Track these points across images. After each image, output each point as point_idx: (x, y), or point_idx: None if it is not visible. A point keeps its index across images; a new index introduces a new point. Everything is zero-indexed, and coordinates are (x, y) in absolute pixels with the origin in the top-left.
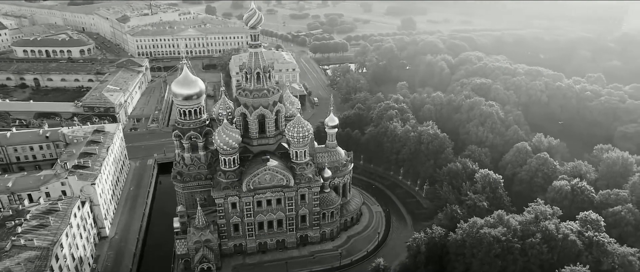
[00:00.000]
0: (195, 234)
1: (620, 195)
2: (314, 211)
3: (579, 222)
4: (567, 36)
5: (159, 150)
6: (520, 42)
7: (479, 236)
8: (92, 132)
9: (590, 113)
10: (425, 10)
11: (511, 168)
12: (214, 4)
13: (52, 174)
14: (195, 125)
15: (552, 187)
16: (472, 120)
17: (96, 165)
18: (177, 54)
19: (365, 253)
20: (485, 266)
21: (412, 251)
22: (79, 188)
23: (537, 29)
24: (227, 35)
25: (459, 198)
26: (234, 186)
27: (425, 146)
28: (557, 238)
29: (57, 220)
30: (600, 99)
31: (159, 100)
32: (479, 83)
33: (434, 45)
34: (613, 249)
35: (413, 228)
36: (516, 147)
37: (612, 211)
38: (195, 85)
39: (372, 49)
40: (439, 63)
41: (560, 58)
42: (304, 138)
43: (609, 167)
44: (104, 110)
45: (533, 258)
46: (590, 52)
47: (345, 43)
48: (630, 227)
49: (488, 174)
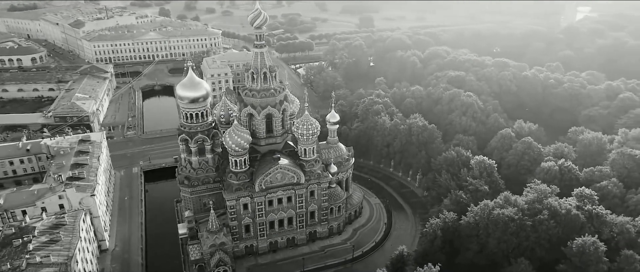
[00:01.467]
0: (209, 238)
1: (603, 171)
2: (323, 207)
3: (575, 197)
4: (520, 29)
5: (141, 158)
6: (478, 36)
7: (493, 217)
8: (78, 142)
9: (555, 99)
10: (378, 8)
11: (498, 153)
12: (167, 6)
13: (47, 188)
14: (202, 128)
15: (540, 168)
16: (454, 111)
17: (91, 175)
18: (139, 58)
19: (374, 244)
20: (503, 244)
21: (429, 237)
22: (78, 200)
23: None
24: (190, 37)
25: (459, 184)
26: (246, 187)
27: (416, 138)
28: (561, 213)
29: (67, 234)
30: (564, 86)
31: (130, 107)
32: (453, 76)
33: (401, 41)
34: (611, 219)
35: (414, 216)
36: (501, 134)
37: (599, 185)
38: (201, 88)
39: (341, 47)
40: (410, 58)
41: (517, 49)
42: (313, 135)
43: (586, 147)
44: (77, 119)
45: (542, 233)
46: (544, 44)
47: (311, 42)
48: (617, 200)
49: (483, 159)
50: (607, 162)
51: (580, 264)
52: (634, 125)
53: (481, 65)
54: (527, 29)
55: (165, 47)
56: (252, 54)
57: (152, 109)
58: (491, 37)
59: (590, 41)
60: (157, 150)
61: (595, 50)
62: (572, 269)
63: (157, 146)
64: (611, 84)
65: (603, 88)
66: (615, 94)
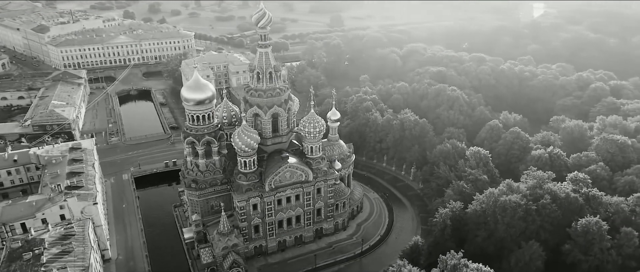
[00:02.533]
0: (221, 240)
1: (590, 156)
2: (329, 203)
3: (570, 182)
4: (487, 25)
5: (128, 165)
6: (449, 33)
7: (500, 204)
8: (69, 150)
9: (531, 91)
10: (345, 7)
11: (488, 144)
12: (130, 9)
13: (46, 198)
14: (209, 131)
15: (531, 156)
16: (440, 105)
17: (89, 183)
18: (110, 63)
19: (379, 237)
20: (512, 229)
21: (439, 226)
22: (80, 210)
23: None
24: (163, 40)
25: (458, 175)
26: (256, 187)
27: (409, 132)
28: (561, 197)
29: (79, 244)
30: (538, 78)
31: (108, 113)
32: (435, 71)
33: (377, 39)
34: (607, 200)
35: (412, 209)
36: (489, 125)
37: (588, 169)
38: (207, 90)
39: (319, 46)
40: (390, 56)
41: (486, 45)
42: (319, 133)
43: (569, 135)
44: (58, 127)
45: (546, 217)
46: (512, 39)
47: (286, 42)
48: (605, 182)
49: (479, 150)
50: (591, 148)
51: (585, 243)
52: (606, 112)
53: (459, 60)
54: (494, 25)
55: (136, 50)
56: (257, 53)
57: (131, 114)
58: (461, 34)
59: (554, 35)
60: (144, 156)
61: (559, 44)
62: (577, 249)
63: (144, 152)
64: (581, 75)
65: (574, 79)
66: (586, 84)
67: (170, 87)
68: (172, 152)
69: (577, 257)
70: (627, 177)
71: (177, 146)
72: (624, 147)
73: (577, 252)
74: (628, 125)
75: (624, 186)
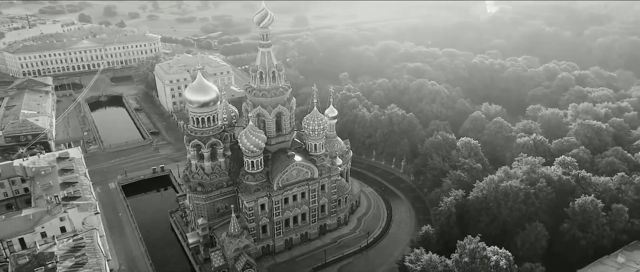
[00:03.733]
0: (233, 242)
1: (570, 141)
2: (332, 199)
3: (559, 165)
4: (450, 21)
5: (112, 173)
6: (415, 30)
7: (502, 189)
8: (57, 160)
9: (503, 82)
10: (306, 7)
11: (472, 134)
12: (86, 12)
13: (43, 211)
14: (214, 133)
15: (516, 144)
16: (423, 99)
17: (87, 193)
18: (73, 69)
19: (381, 230)
20: (515, 212)
21: (445, 214)
22: (81, 221)
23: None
24: (129, 44)
25: (452, 165)
26: (264, 187)
27: (397, 126)
28: (554, 180)
29: (91, 256)
30: (508, 70)
31: (81, 121)
32: (412, 67)
33: (349, 37)
34: (595, 180)
35: (407, 200)
36: (472, 116)
37: (572, 153)
38: (211, 91)
39: (292, 46)
40: (365, 53)
41: (451, 40)
42: (323, 130)
43: (547, 122)
44: (33, 137)
45: (543, 199)
46: (476, 34)
47: (255, 43)
48: (587, 164)
49: (469, 140)
50: (571, 133)
51: (583, 221)
52: (575, 100)
53: (433, 56)
54: (456, 21)
55: (101, 55)
56: (259, 53)
57: (104, 121)
58: (426, 30)
59: (514, 29)
60: (128, 163)
61: (520, 37)
62: (576, 227)
63: (126, 159)
64: (548, 66)
65: (542, 70)
66: (552, 74)
67: (142, 92)
68: (157, 157)
69: (575, 235)
70: (607, 159)
71: (160, 151)
72: (599, 131)
73: (575, 230)
74: (598, 111)
75: (606, 167)
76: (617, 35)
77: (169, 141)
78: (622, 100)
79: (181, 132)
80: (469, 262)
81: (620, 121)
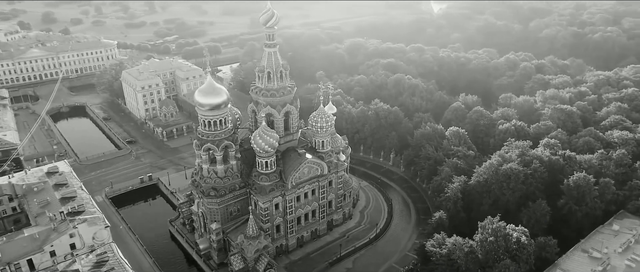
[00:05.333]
0: (252, 243)
1: (547, 125)
2: (339, 194)
3: (544, 147)
4: (407, 18)
5: (95, 185)
6: (376, 27)
7: (503, 172)
8: (46, 175)
9: (470, 73)
10: (258, 8)
11: (454, 124)
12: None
13: (49, 229)
14: (226, 135)
15: (500, 130)
16: (402, 93)
17: (90, 207)
18: (24, 80)
19: (385, 221)
20: (516, 193)
21: (452, 199)
22: (91, 236)
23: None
24: (84, 51)
25: (446, 153)
26: (278, 187)
27: (384, 120)
28: (545, 161)
29: (120, 270)
30: (473, 62)
31: (46, 134)
32: (386, 63)
33: (316, 37)
34: (580, 158)
35: (402, 190)
36: (453, 107)
37: (551, 135)
38: (222, 94)
39: (259, 46)
40: (336, 51)
41: (412, 36)
42: (330, 127)
43: (520, 108)
44: (2, 154)
45: (538, 178)
46: (433, 29)
47: (218, 45)
48: (566, 144)
49: (457, 130)
50: (545, 118)
51: (578, 195)
52: (539, 87)
53: (402, 51)
54: (414, 17)
55: (54, 64)
56: (265, 54)
57: (71, 133)
58: (385, 27)
59: (468, 24)
60: (111, 174)
61: (474, 31)
62: (572, 201)
63: (107, 171)
64: (509, 57)
65: (503, 61)
66: (514, 64)
67: (107, 101)
68: (140, 166)
69: (572, 209)
70: (583, 139)
71: (142, 159)
72: (570, 114)
73: (571, 204)
74: (564, 96)
75: (583, 146)
76: (560, 27)
77: (149, 149)
78: (580, 86)
79: (159, 139)
80: (493, 241)
81: (584, 104)
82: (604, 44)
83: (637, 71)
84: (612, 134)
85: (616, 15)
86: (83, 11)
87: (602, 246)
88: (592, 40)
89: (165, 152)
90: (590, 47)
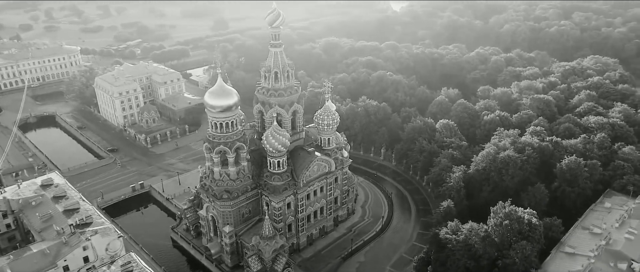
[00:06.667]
0: (269, 244)
1: (529, 114)
2: (343, 190)
3: (531, 134)
4: (372, 16)
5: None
6: (344, 26)
7: (501, 159)
8: (42, 188)
9: (443, 68)
10: (216, 10)
11: (440, 117)
12: None
13: (60, 243)
14: (237, 137)
15: (485, 121)
16: (386, 89)
17: (97, 218)
18: None
19: (387, 214)
20: (515, 178)
21: (455, 188)
22: (104, 247)
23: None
24: (46, 59)
25: (440, 145)
26: (290, 186)
27: (374, 116)
28: (536, 147)
29: None
30: (447, 57)
31: (18, 146)
32: (364, 61)
33: (289, 37)
34: (566, 143)
35: (397, 183)
36: (437, 101)
37: (535, 122)
38: (233, 95)
39: (231, 48)
40: (313, 51)
41: (381, 33)
42: (336, 124)
43: (500, 99)
44: None
45: (532, 163)
46: (400, 26)
47: (185, 48)
48: (548, 131)
49: (447, 122)
50: (525, 107)
51: (570, 177)
52: (511, 79)
53: (377, 49)
54: (380, 16)
55: (14, 73)
56: (270, 54)
57: (43, 144)
58: (353, 26)
59: (432, 21)
60: (98, 184)
61: (440, 28)
62: (565, 183)
63: (93, 181)
64: (479, 52)
65: (474, 55)
66: (484, 58)
67: (78, 109)
68: (128, 175)
69: (565, 191)
70: (564, 125)
71: (128, 167)
72: (548, 103)
73: (565, 186)
74: (538, 86)
75: (564, 132)
76: (519, 22)
77: (134, 157)
78: (549, 76)
79: (143, 146)
80: (508, 224)
81: (557, 93)
82: (559, 37)
83: (597, 61)
84: (589, 120)
85: (566, 10)
86: (32, 17)
87: (601, 223)
88: (548, 34)
89: (152, 159)
90: (547, 40)
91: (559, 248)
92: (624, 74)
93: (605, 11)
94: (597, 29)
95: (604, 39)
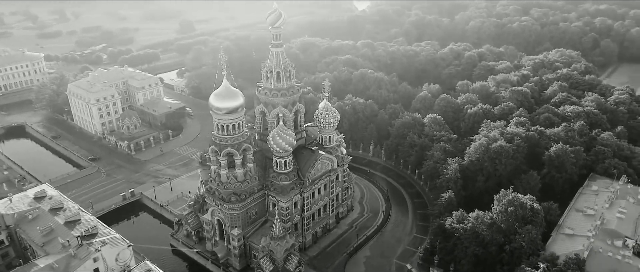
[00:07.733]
0: (280, 244)
1: (510, 105)
2: (344, 187)
3: (516, 125)
4: (344, 15)
5: None
6: (315, 25)
7: (494, 150)
8: (36, 201)
9: (419, 64)
10: (179, 12)
11: (424, 112)
12: None
13: (68, 256)
14: (243, 138)
15: (469, 114)
16: (369, 87)
17: (102, 228)
18: None
19: (385, 208)
20: (508, 167)
21: (453, 180)
22: (114, 258)
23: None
24: (7, 66)
25: (431, 139)
26: (297, 185)
27: (362, 114)
28: (523, 136)
29: None
30: (422, 54)
31: None
32: (344, 59)
33: (263, 37)
34: (550, 132)
35: (389, 178)
36: (420, 96)
37: (517, 113)
38: (239, 97)
39: (206, 51)
40: (290, 50)
41: (354, 32)
42: (336, 122)
43: (479, 93)
44: None
45: (521, 153)
46: (371, 25)
47: (156, 52)
48: (529, 123)
49: (435, 117)
50: (505, 99)
51: (558, 164)
52: (486, 73)
53: (354, 48)
54: (350, 15)
55: None
56: (271, 54)
57: (15, 156)
58: (323, 25)
59: (401, 20)
60: (85, 195)
61: (411, 26)
62: (554, 170)
63: (78, 192)
64: (452, 48)
65: (448, 51)
66: (457, 54)
67: (49, 118)
68: (116, 183)
69: (554, 176)
70: (543, 115)
71: (114, 176)
72: (525, 94)
73: (554, 172)
74: (513, 79)
75: (545, 121)
76: (483, 18)
77: (118, 165)
78: (521, 70)
79: (127, 153)
80: (513, 210)
81: (531, 85)
82: (522, 32)
83: (562, 54)
84: (565, 109)
85: (524, 6)
86: None
87: (593, 204)
88: (512, 29)
89: (138, 166)
90: (512, 35)
91: (558, 230)
92: (589, 65)
93: (560, 7)
94: (555, 24)
95: (562, 33)
